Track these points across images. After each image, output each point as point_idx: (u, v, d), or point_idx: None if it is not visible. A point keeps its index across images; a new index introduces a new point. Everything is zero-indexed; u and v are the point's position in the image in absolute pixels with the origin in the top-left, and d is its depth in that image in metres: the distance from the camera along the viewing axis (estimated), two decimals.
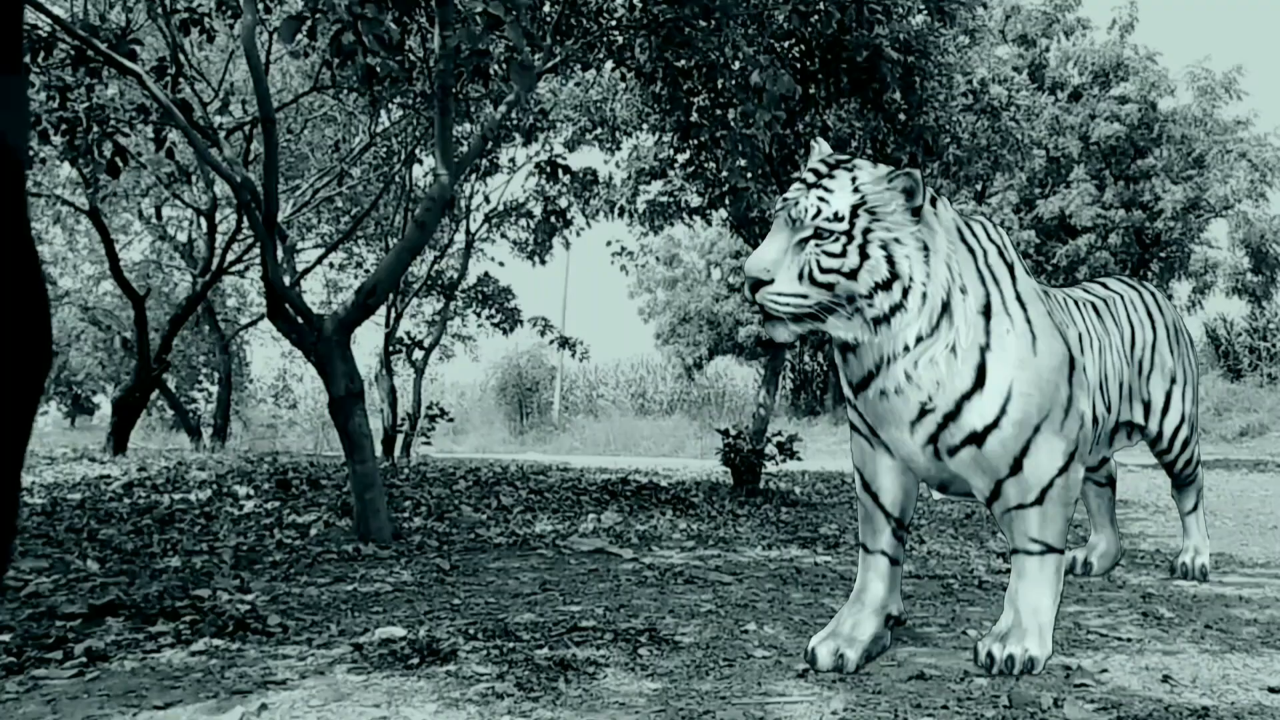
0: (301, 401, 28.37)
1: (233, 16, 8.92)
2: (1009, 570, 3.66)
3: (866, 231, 3.26)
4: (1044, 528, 3.52)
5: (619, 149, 12.43)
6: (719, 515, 8.44)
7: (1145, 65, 21.40)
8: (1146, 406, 4.97)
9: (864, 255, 3.25)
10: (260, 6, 7.70)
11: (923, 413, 3.44)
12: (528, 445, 24.68)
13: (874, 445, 3.71)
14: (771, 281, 3.24)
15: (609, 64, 9.89)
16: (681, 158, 11.36)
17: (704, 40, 8.19)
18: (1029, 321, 3.53)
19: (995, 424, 3.43)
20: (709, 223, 13.31)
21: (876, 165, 3.42)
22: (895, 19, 8.95)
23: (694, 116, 9.88)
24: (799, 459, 10.30)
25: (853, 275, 3.25)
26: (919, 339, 3.34)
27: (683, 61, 9.10)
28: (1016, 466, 3.48)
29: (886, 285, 3.27)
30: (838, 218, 3.25)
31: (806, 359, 28.07)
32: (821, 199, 3.28)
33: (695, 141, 10.50)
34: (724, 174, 10.50)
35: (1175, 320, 5.29)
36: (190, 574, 5.26)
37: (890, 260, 3.27)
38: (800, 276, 3.24)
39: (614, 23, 8.78)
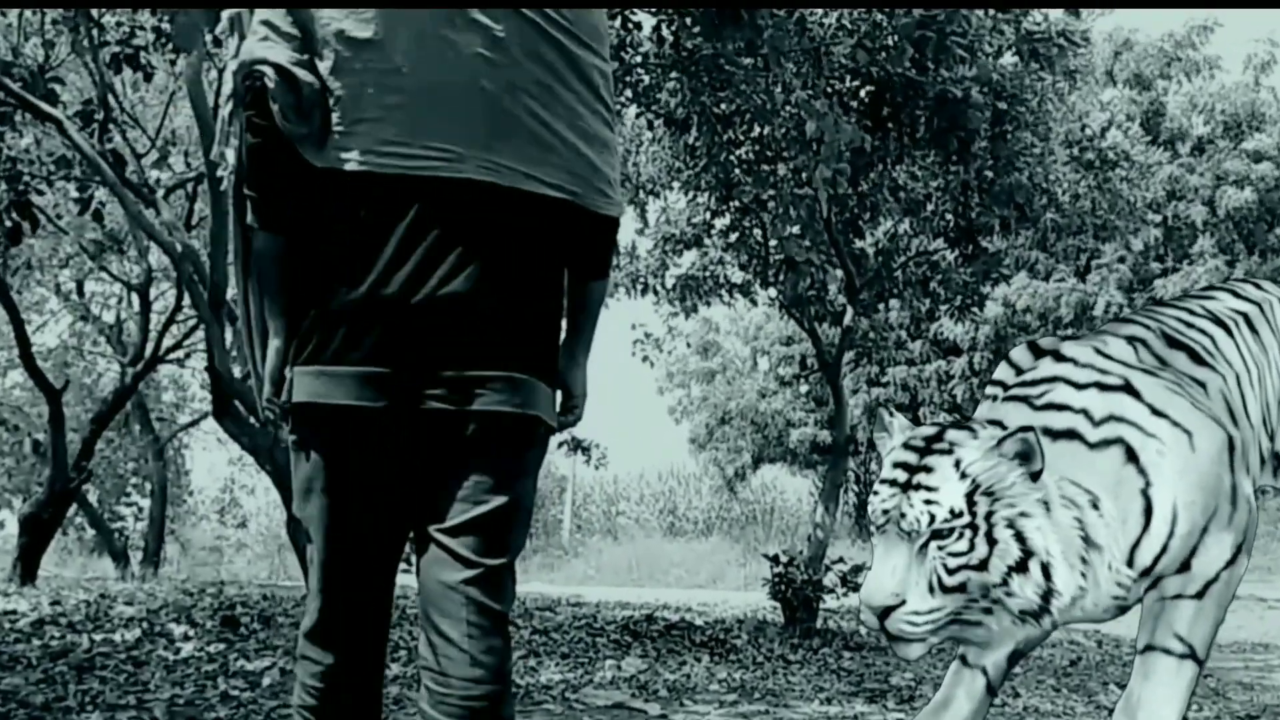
0: (253, 519, 28.35)
1: (174, 52, 9.00)
2: None
3: (989, 515, 3.31)
4: (1194, 625, 3.56)
5: (644, 211, 12.45)
6: (766, 661, 8.38)
7: None
8: None
9: (992, 541, 3.29)
10: (208, 40, 7.82)
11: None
12: (531, 574, 24.55)
13: None
14: (901, 604, 3.28)
15: (633, 109, 9.98)
16: (720, 222, 11.41)
17: (748, 81, 8.26)
18: (1176, 424, 3.57)
19: (1164, 550, 3.51)
20: (754, 302, 13.31)
21: (974, 433, 3.41)
22: (983, 57, 8.99)
23: (736, 173, 9.94)
24: None
25: (983, 566, 3.29)
26: (1081, 592, 3.40)
27: (723, 106, 9.16)
28: (1184, 568, 3.56)
29: (1021, 566, 3.31)
30: (955, 514, 3.29)
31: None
32: (929, 502, 3.31)
33: (738, 203, 10.55)
34: (773, 243, 10.52)
35: None
36: None
37: (1020, 537, 3.31)
38: (931, 589, 3.29)
39: (639, 59, 8.88)
